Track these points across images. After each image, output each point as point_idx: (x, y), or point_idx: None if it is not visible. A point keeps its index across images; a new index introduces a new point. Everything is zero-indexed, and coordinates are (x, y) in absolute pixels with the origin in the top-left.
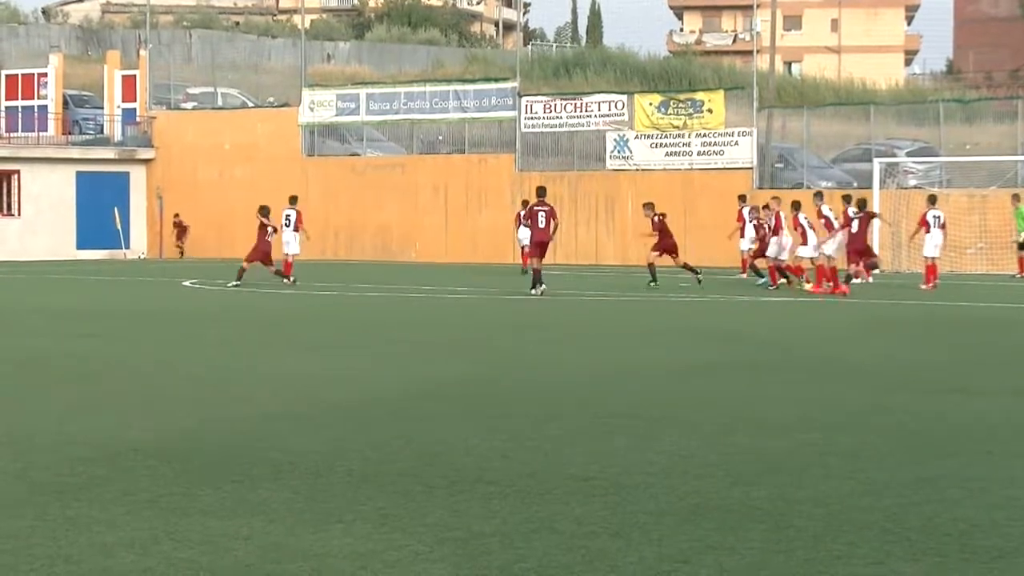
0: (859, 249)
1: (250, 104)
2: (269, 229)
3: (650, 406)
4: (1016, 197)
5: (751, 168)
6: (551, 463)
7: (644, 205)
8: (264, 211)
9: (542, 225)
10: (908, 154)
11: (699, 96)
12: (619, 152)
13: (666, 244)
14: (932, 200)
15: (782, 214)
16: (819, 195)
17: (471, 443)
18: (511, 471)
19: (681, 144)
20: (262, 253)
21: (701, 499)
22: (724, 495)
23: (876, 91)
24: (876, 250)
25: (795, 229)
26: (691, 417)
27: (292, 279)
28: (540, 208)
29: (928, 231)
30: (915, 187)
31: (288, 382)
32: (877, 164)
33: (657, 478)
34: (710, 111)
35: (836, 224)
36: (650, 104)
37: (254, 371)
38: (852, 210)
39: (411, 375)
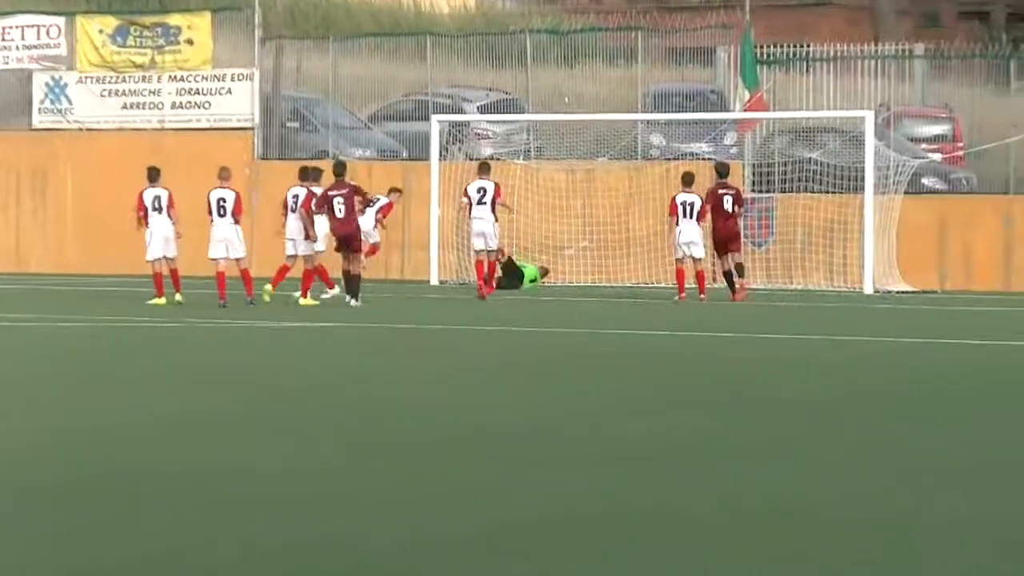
0: None
1: None
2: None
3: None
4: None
5: (252, 128)
6: None
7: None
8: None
9: (340, 215)
10: (481, 109)
11: (173, 20)
12: (53, 103)
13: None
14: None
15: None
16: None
17: None
18: None
19: (147, 92)
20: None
21: None
22: None
23: (435, 17)
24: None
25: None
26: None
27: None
28: (336, 193)
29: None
30: (492, 157)
31: None
32: (436, 124)
33: None
34: (190, 43)
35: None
36: (101, 31)
37: None
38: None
39: None
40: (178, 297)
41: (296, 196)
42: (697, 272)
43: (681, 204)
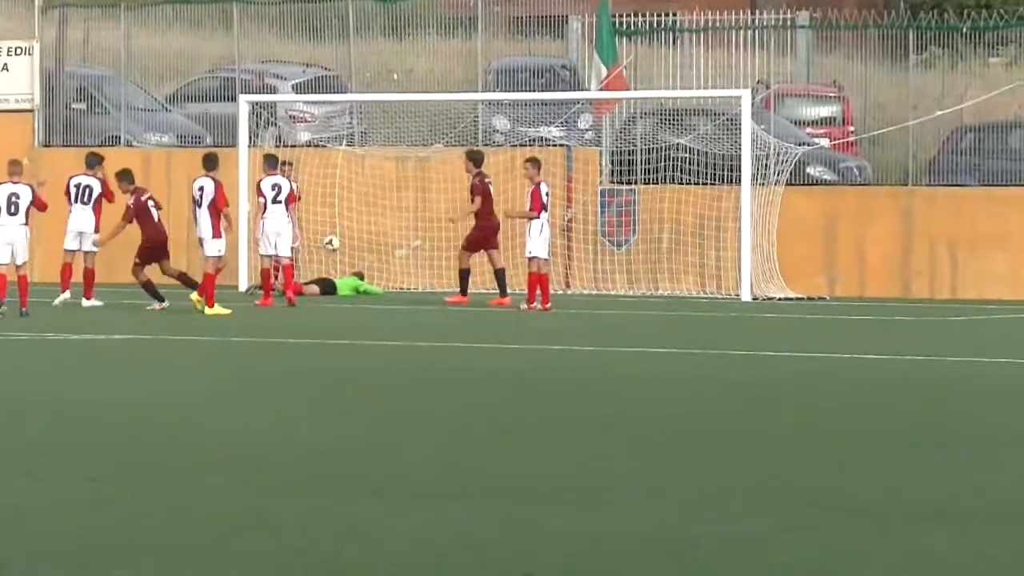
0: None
1: None
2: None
3: None
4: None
5: (31, 110)
6: None
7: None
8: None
9: (158, 220)
10: (296, 88)
11: None
12: None
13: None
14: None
15: None
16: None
17: None
18: None
19: None
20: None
21: None
22: None
23: None
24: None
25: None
26: None
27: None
28: (149, 196)
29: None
30: (309, 144)
31: None
32: (245, 105)
33: None
34: None
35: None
36: None
37: None
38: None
39: None
40: None
41: (202, 188)
42: (541, 276)
43: (545, 195)
